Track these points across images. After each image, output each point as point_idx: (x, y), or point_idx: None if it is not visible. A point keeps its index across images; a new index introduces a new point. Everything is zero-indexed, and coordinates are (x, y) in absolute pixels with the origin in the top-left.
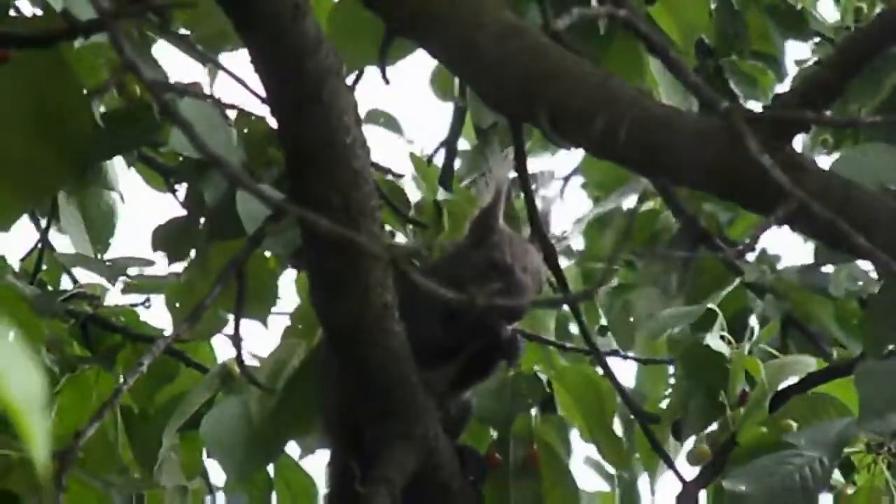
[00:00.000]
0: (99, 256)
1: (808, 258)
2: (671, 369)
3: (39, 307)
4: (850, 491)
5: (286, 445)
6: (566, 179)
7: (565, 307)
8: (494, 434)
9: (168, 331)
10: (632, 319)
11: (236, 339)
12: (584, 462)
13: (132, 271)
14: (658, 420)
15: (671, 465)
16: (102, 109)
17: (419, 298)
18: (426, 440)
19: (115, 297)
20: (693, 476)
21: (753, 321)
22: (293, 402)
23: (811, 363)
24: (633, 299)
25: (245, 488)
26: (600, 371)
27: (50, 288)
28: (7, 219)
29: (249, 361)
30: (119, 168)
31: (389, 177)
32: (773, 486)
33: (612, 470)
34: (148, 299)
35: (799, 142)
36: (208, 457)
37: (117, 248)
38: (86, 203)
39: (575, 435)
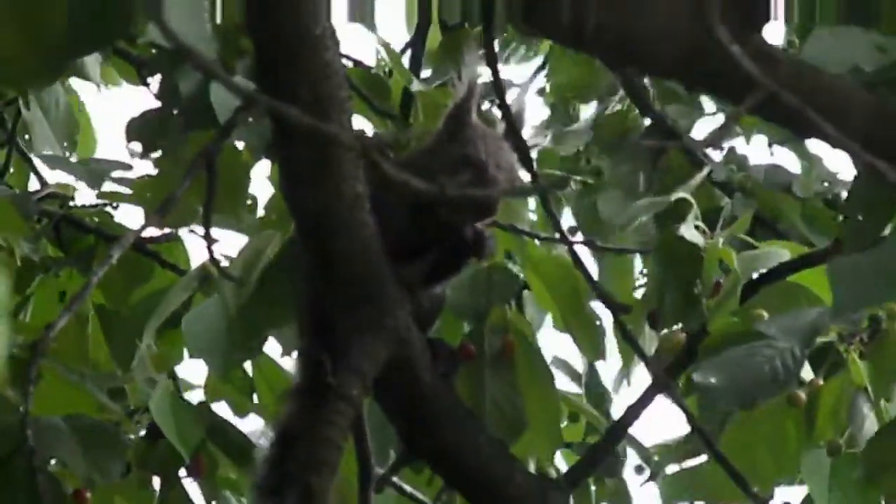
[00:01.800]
0: (67, 154)
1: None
2: (638, 264)
3: (16, 205)
4: (821, 382)
5: (265, 337)
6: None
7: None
8: (467, 327)
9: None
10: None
11: (206, 229)
12: (550, 363)
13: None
14: (629, 310)
15: (642, 355)
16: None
17: (389, 194)
18: (397, 331)
19: (86, 196)
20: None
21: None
22: (269, 293)
23: (784, 254)
24: (599, 202)
25: (226, 389)
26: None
27: (17, 189)
28: None
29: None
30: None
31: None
32: (743, 379)
33: (579, 369)
34: (116, 205)
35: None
36: (190, 356)
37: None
38: (43, 105)
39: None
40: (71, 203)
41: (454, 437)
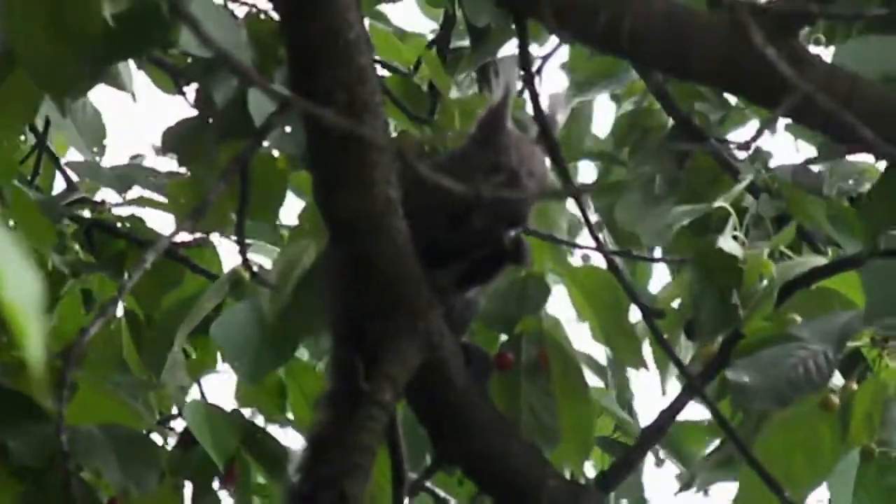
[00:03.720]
0: (97, 159)
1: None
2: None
3: (43, 210)
4: (854, 386)
5: (298, 346)
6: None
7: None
8: (504, 336)
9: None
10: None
11: (240, 235)
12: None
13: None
14: (664, 315)
15: (675, 361)
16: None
17: (426, 201)
18: (430, 336)
19: (114, 198)
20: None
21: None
22: (305, 301)
23: (821, 262)
24: (618, 206)
25: (258, 394)
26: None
27: (44, 193)
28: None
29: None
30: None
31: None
32: (776, 378)
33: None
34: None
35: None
36: (223, 360)
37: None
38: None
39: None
40: (100, 208)
41: (486, 442)
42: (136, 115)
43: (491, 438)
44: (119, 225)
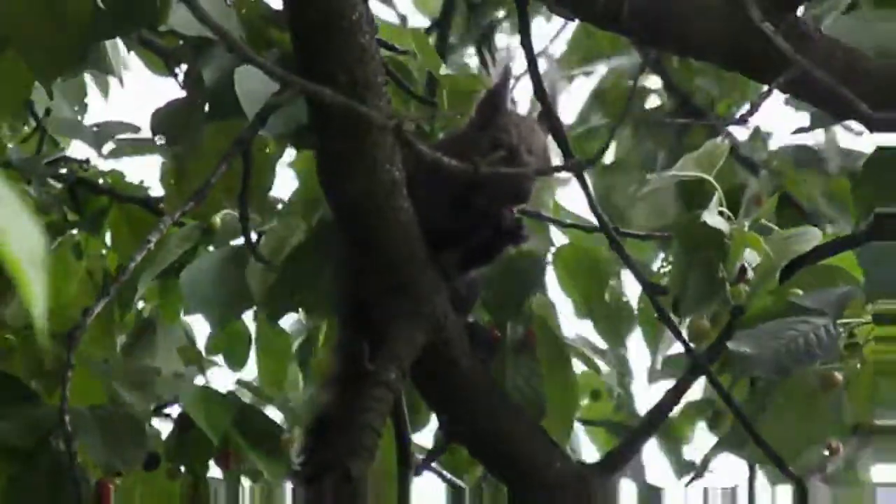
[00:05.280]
0: (80, 118)
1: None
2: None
3: (25, 169)
4: (858, 364)
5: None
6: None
7: None
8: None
9: (155, 191)
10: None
11: (243, 210)
12: (573, 340)
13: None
14: (666, 292)
15: (681, 340)
16: None
17: (428, 182)
18: (435, 317)
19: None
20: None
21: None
22: (292, 278)
23: (817, 234)
24: (615, 187)
25: (224, 344)
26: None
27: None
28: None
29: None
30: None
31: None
32: (778, 349)
33: (603, 345)
34: (143, 182)
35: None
36: (185, 312)
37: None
38: None
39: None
40: (84, 166)
41: (492, 423)
42: (130, 98)
43: (497, 419)
44: (101, 181)
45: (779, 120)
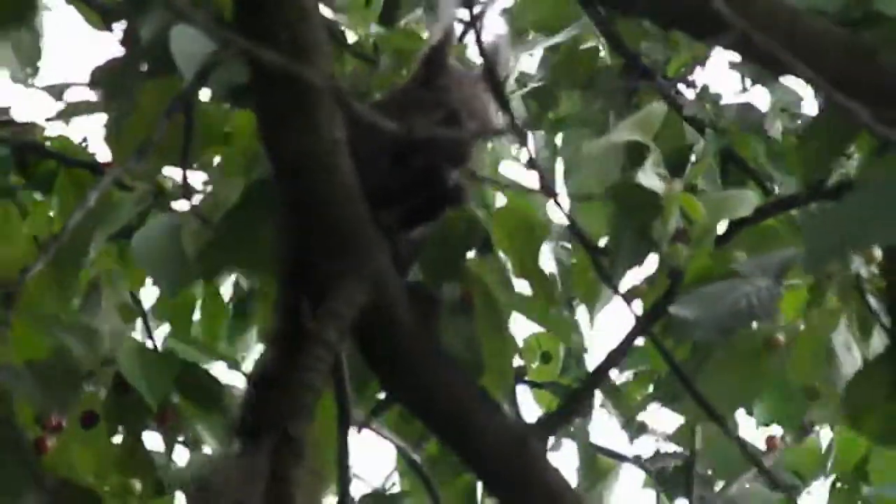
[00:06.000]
0: (30, 81)
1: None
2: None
3: None
4: (801, 326)
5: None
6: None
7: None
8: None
9: (101, 157)
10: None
11: (184, 168)
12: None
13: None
14: (607, 252)
15: (624, 299)
16: None
17: (368, 141)
18: (376, 276)
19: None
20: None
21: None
22: (227, 237)
23: (752, 197)
24: (563, 142)
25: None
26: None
27: None
28: None
29: None
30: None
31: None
32: (719, 311)
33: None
34: (85, 139)
35: None
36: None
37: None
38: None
39: None
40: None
41: (432, 382)
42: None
43: (436, 379)
44: (48, 144)
45: (729, 81)
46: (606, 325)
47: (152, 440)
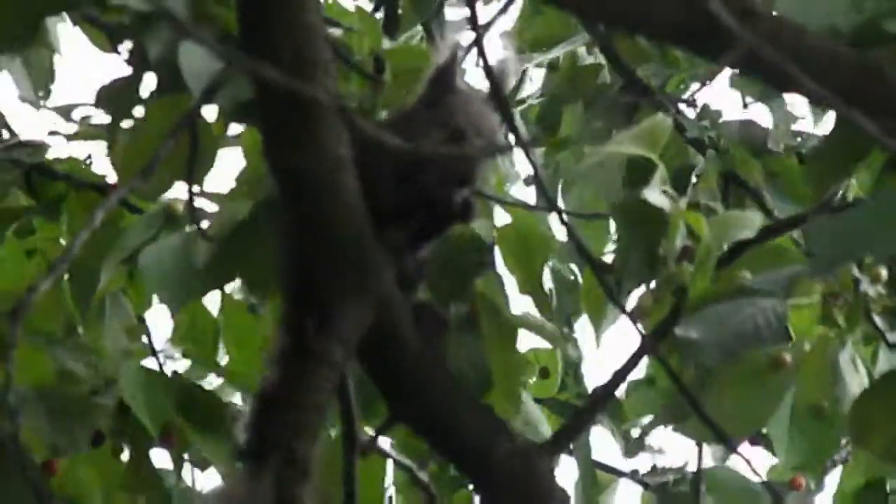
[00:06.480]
0: (42, 104)
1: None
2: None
3: None
4: (807, 345)
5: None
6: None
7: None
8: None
9: (110, 179)
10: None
11: (190, 185)
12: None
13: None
14: (612, 269)
15: (630, 317)
16: None
17: (374, 160)
18: (381, 295)
19: (57, 151)
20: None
21: (694, 178)
22: (233, 251)
23: (757, 218)
24: (563, 160)
25: (191, 334)
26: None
27: None
28: None
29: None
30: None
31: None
32: (724, 333)
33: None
34: (90, 156)
35: None
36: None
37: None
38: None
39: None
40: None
41: (438, 403)
42: (75, 74)
43: (443, 399)
44: (58, 168)
45: (730, 100)
46: (608, 342)
47: (161, 457)
